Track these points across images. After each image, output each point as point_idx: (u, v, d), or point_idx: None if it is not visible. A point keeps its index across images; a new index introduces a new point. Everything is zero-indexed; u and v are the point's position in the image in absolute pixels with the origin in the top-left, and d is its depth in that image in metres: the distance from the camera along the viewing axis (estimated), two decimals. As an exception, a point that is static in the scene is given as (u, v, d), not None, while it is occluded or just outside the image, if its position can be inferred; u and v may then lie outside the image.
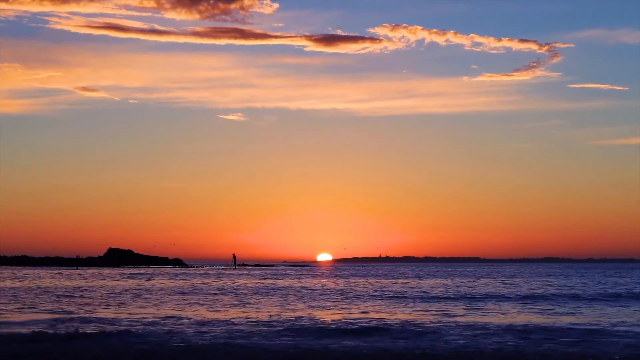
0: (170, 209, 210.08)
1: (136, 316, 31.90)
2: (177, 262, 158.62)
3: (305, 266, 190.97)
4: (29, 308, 36.16)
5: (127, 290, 51.18)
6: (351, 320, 30.34)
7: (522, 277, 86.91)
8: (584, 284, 63.65)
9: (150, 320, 30.21)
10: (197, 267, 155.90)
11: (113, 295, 46.44)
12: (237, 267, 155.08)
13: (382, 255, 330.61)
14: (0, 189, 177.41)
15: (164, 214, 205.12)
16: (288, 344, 23.55)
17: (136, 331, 26.28)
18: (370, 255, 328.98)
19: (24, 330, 26.48)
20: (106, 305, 38.29)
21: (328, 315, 32.69)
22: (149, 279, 73.27)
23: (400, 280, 74.05)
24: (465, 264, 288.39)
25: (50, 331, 26.10)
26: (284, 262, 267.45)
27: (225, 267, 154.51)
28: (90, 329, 27.09)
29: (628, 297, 45.42)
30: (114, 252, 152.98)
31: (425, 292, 51.03)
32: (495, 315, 33.28)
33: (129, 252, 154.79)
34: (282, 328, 27.54)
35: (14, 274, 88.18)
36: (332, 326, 28.27)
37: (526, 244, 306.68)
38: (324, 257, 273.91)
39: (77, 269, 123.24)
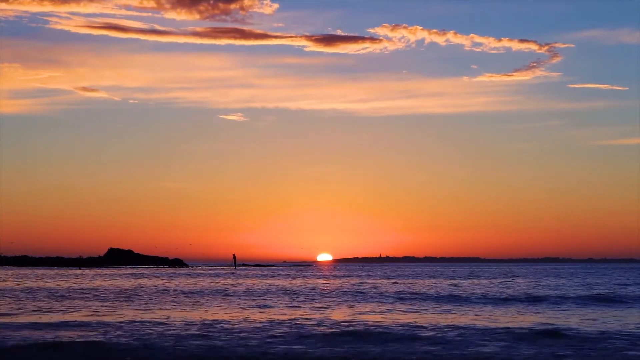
0: (170, 209, 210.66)
1: (126, 318, 32.14)
2: (178, 263, 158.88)
3: (307, 266, 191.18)
4: (24, 310, 36.38)
5: (123, 291, 51.49)
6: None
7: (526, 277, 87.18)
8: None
9: (144, 322, 30.46)
10: (197, 267, 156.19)
11: (106, 296, 46.70)
12: (237, 267, 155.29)
13: (382, 255, 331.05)
14: (0, 189, 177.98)
15: (164, 214, 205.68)
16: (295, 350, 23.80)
17: (136, 334, 26.55)
18: (370, 255, 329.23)
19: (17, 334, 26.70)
20: (99, 307, 38.54)
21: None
22: (134, 279, 73.54)
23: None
24: (465, 264, 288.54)
25: (44, 338, 26.28)
26: (284, 262, 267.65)
27: (225, 267, 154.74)
28: (80, 333, 27.32)
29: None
30: (114, 252, 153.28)
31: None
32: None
33: (130, 252, 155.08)
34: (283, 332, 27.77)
35: (6, 274, 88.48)
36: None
37: (526, 244, 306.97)
38: (324, 257, 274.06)
39: (80, 269, 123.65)
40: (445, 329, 27.51)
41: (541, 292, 51.41)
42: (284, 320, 30.48)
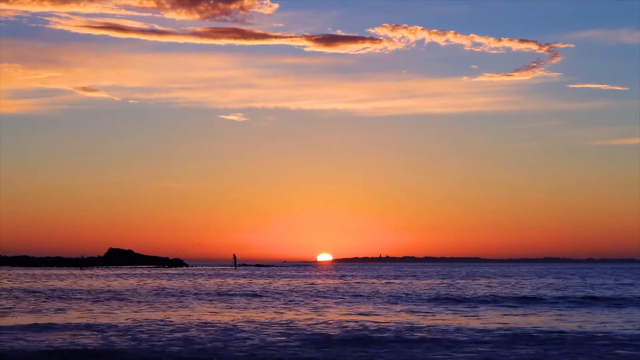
0: (170, 209, 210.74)
1: (123, 320, 32.24)
2: (178, 263, 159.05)
3: (307, 266, 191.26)
4: (30, 311, 36.47)
5: (110, 292, 51.60)
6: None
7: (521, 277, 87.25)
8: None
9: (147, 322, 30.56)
10: (197, 267, 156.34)
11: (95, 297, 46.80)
12: (237, 267, 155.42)
13: (382, 255, 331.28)
14: (0, 189, 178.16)
15: (165, 214, 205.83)
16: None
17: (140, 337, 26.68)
18: (370, 255, 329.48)
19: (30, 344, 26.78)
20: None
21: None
22: (134, 279, 73.64)
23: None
24: (466, 264, 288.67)
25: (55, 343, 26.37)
26: (285, 262, 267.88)
27: (225, 268, 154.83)
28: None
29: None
30: (114, 252, 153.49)
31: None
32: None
33: (130, 252, 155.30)
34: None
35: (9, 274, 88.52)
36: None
37: (526, 244, 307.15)
38: (324, 257, 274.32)
39: (82, 269, 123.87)
40: (443, 330, 27.64)
41: (540, 292, 51.52)
42: (283, 321, 30.59)
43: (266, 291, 53.21)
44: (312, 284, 67.37)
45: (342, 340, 25.01)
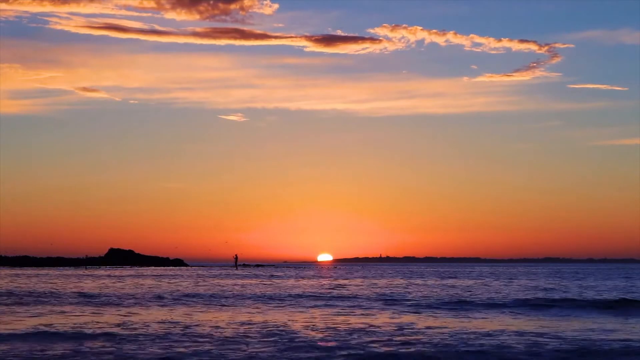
0: (171, 210, 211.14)
1: (109, 324, 32.31)
2: (179, 263, 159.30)
3: (308, 266, 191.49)
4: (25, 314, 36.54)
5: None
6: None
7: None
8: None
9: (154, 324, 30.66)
10: (197, 267, 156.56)
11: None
12: (238, 267, 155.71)
13: (382, 256, 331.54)
14: (0, 189, 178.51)
15: (165, 214, 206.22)
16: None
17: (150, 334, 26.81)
18: (370, 255, 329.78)
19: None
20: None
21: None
22: (133, 279, 73.67)
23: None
24: (466, 264, 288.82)
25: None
26: (285, 262, 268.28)
27: (226, 268, 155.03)
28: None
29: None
30: (114, 252, 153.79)
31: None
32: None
33: (130, 252, 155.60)
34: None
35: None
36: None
37: (526, 244, 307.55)
38: (325, 257, 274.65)
39: (86, 269, 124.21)
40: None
41: (544, 294, 51.62)
42: (281, 326, 30.61)
43: (269, 292, 53.29)
44: (320, 284, 67.46)
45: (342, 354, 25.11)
